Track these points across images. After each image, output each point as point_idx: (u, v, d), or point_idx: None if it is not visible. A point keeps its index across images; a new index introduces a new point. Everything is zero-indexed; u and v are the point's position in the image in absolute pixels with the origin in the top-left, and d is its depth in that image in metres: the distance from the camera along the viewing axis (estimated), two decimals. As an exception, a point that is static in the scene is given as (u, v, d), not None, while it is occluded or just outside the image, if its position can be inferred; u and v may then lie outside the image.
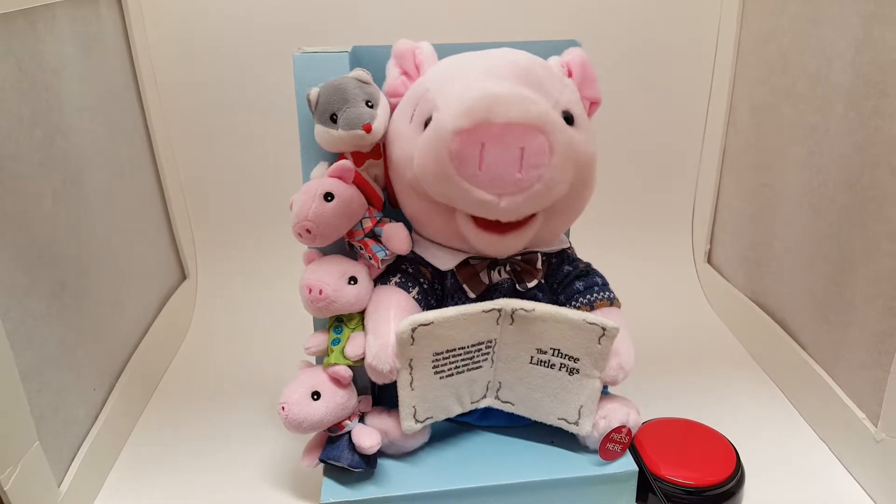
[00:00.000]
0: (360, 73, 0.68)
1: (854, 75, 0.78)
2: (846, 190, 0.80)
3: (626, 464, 0.71)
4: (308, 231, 0.67)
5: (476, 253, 0.71)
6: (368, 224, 0.70)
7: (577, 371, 0.69)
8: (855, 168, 0.78)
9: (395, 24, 1.11)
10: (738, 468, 0.74)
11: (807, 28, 0.89)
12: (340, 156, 0.70)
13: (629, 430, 0.70)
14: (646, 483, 0.72)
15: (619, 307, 0.75)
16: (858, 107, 0.78)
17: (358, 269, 0.70)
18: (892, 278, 0.72)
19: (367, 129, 0.66)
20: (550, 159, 0.60)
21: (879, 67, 0.74)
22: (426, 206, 0.67)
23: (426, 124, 0.63)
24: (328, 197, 0.66)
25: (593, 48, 0.76)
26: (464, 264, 0.71)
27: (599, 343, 0.68)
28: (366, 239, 0.70)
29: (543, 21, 1.14)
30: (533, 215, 0.65)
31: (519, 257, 0.71)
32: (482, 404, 0.73)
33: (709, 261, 1.23)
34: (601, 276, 0.76)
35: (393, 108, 0.70)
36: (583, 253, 0.78)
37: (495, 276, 0.71)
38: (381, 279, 0.73)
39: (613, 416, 0.71)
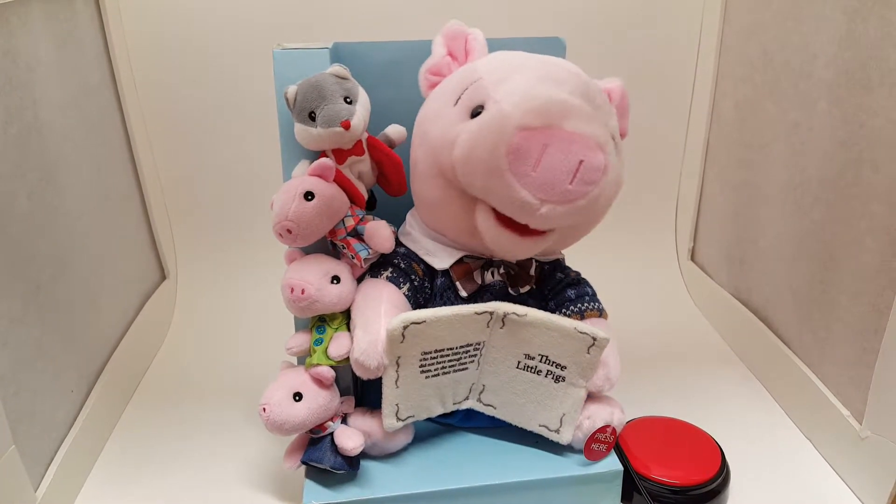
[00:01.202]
0: (337, 68, 0.67)
1: (837, 71, 0.78)
2: (829, 187, 0.80)
3: (611, 463, 0.71)
4: (289, 231, 0.66)
5: (475, 252, 0.70)
6: (351, 222, 0.69)
7: (563, 379, 0.69)
8: (838, 165, 0.78)
9: (376, 20, 1.10)
10: (724, 467, 0.74)
11: (789, 24, 0.89)
12: (322, 153, 0.69)
13: (614, 430, 0.70)
14: (631, 482, 0.72)
15: (607, 319, 0.75)
16: (841, 103, 0.78)
17: (341, 269, 0.69)
18: (875, 275, 0.72)
19: (346, 125, 0.65)
20: (602, 178, 0.60)
21: (862, 63, 0.74)
22: (448, 194, 0.65)
23: (474, 113, 0.62)
24: (308, 196, 0.65)
25: (576, 45, 0.76)
26: (458, 262, 0.70)
27: (588, 353, 0.67)
28: (348, 238, 0.69)
29: (527, 17, 1.13)
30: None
31: (514, 261, 0.71)
32: (464, 406, 0.72)
33: (692, 258, 1.23)
34: (591, 287, 0.76)
35: (431, 85, 0.69)
36: (566, 250, 0.77)
37: (488, 277, 0.71)
38: (372, 272, 0.72)
39: (597, 415, 0.70)
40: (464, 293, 0.70)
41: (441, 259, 0.71)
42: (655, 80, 1.20)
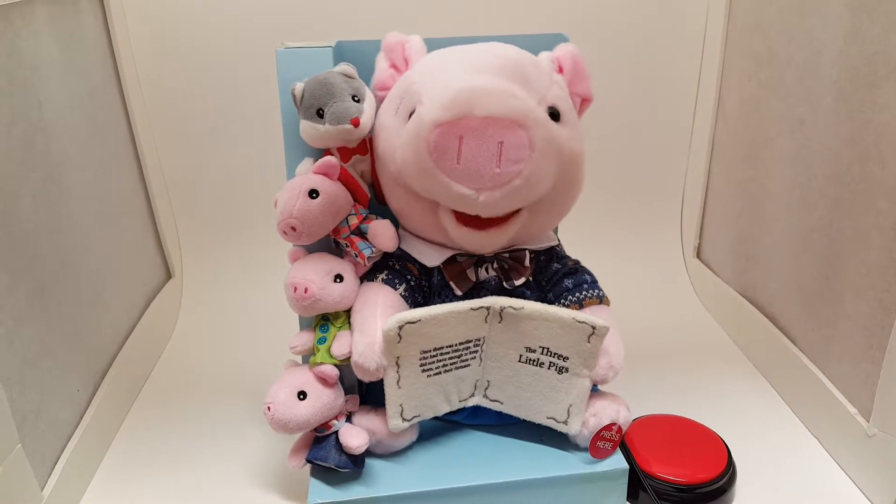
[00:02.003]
0: (345, 67, 0.67)
1: (843, 67, 0.78)
2: (835, 183, 0.80)
3: (617, 461, 0.71)
4: (293, 229, 0.66)
5: (461, 249, 0.70)
6: (354, 221, 0.69)
7: (567, 370, 0.69)
8: (844, 161, 0.78)
9: (380, 19, 1.10)
10: (730, 465, 0.74)
11: (795, 20, 0.89)
12: (326, 152, 0.69)
13: (619, 428, 0.70)
14: (637, 480, 0.72)
15: (608, 305, 0.74)
16: (847, 99, 0.77)
17: (344, 267, 0.69)
18: (882, 271, 0.72)
19: (356, 123, 0.65)
20: (530, 154, 0.59)
21: (868, 59, 0.74)
22: (410, 200, 0.66)
23: (410, 117, 0.62)
24: (313, 194, 0.65)
25: (581, 42, 0.76)
26: (451, 261, 0.70)
27: (589, 342, 0.67)
28: (352, 236, 0.69)
29: (530, 14, 1.13)
30: (516, 212, 0.65)
31: (507, 254, 0.70)
32: (470, 403, 0.72)
33: (698, 255, 1.23)
34: (590, 274, 0.75)
35: (381, 101, 0.70)
36: (571, 248, 0.77)
37: (482, 274, 0.71)
38: (367, 275, 0.72)
39: (603, 413, 0.70)
40: (459, 292, 0.70)
41: (431, 258, 0.71)
42: (660, 76, 1.20)
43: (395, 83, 0.69)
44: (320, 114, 0.66)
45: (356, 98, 0.66)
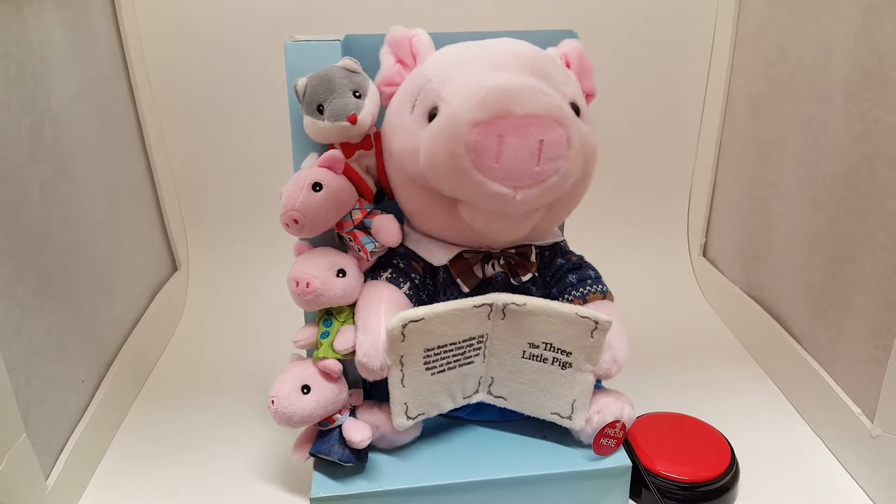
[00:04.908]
0: (347, 62, 0.67)
1: (853, 67, 0.78)
2: (844, 183, 0.80)
3: (620, 459, 0.70)
4: (295, 221, 0.65)
5: (471, 246, 0.70)
6: (358, 215, 0.69)
7: (570, 365, 0.69)
8: (853, 161, 0.78)
9: (389, 12, 1.10)
10: (733, 464, 0.74)
11: (805, 19, 0.88)
12: (331, 146, 0.69)
13: (623, 425, 0.70)
14: (640, 478, 0.72)
15: (612, 300, 0.74)
16: (857, 99, 0.77)
17: (347, 262, 0.69)
18: (889, 272, 0.72)
19: (353, 120, 0.64)
20: (568, 151, 0.59)
21: (879, 59, 0.73)
22: (427, 200, 0.65)
23: (430, 116, 0.62)
24: (316, 187, 0.65)
25: (589, 38, 0.76)
26: (457, 258, 0.70)
27: (592, 337, 0.67)
28: (355, 231, 0.69)
29: (539, 11, 1.13)
30: None
31: (513, 250, 0.70)
32: (474, 399, 0.72)
33: (704, 254, 1.23)
34: (594, 269, 0.75)
35: (389, 96, 0.69)
36: (577, 245, 0.77)
37: (489, 270, 0.70)
38: (372, 274, 0.72)
39: (607, 410, 0.70)
40: (466, 289, 0.69)
41: (438, 256, 0.71)
42: (669, 73, 1.19)
43: (402, 79, 0.68)
44: (320, 109, 0.65)
45: (357, 93, 0.66)
